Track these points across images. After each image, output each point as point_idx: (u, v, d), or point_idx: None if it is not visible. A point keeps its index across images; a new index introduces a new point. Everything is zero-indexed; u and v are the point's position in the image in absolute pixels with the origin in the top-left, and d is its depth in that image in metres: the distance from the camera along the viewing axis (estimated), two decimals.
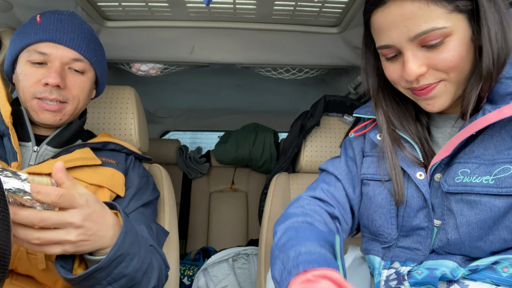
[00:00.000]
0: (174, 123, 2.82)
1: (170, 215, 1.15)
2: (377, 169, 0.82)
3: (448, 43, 0.65)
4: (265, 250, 1.27)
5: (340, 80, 1.81)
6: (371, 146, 0.87)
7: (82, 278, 0.67)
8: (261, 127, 2.45)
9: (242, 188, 2.50)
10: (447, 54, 0.66)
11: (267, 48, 1.38)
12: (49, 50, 0.89)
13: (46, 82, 0.87)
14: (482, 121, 0.64)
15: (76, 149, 0.95)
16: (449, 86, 0.70)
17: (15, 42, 0.92)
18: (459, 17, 0.65)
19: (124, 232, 0.71)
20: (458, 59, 0.66)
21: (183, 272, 1.97)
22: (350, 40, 1.35)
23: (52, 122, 0.91)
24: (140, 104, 1.27)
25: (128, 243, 0.72)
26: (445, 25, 0.64)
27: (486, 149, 0.67)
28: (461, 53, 0.66)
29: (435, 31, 0.64)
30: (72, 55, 0.91)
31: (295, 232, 0.74)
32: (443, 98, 0.71)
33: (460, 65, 0.67)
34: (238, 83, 2.10)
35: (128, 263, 0.72)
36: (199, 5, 1.16)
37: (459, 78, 0.69)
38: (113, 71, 1.69)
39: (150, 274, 0.80)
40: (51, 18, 0.92)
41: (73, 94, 0.92)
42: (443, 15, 0.64)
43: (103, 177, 0.93)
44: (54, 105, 0.89)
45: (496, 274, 0.67)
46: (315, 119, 1.42)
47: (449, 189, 0.69)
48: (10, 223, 0.52)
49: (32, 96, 0.89)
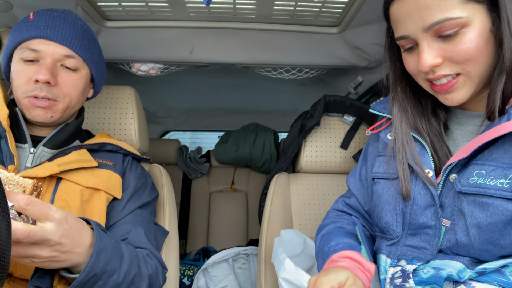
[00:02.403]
0: (174, 123, 2.82)
1: (170, 215, 1.15)
2: (387, 168, 0.83)
3: (465, 34, 0.64)
4: (265, 250, 1.27)
5: (340, 80, 1.81)
6: (384, 145, 0.88)
7: None
8: (261, 127, 2.45)
9: (242, 188, 2.50)
10: (463, 46, 0.64)
11: (267, 48, 1.38)
12: (40, 47, 0.88)
13: (36, 79, 0.86)
14: (506, 126, 0.63)
15: (72, 151, 0.94)
16: (469, 81, 0.68)
17: (9, 41, 0.92)
18: (476, 7, 0.63)
19: (97, 252, 0.70)
20: (475, 51, 0.64)
21: (183, 272, 1.97)
22: (350, 40, 1.35)
23: (44, 120, 0.90)
24: (140, 104, 1.27)
25: (102, 262, 0.71)
26: (460, 15, 0.63)
27: (506, 153, 0.66)
28: (478, 45, 0.64)
29: (450, 21, 0.63)
30: (64, 52, 0.90)
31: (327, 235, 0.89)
32: (462, 92, 0.70)
33: (477, 57, 0.65)
34: (238, 83, 2.10)
35: (106, 280, 0.72)
36: (199, 5, 1.16)
37: (478, 72, 0.67)
38: (113, 71, 1.69)
39: (138, 284, 0.80)
40: (44, 16, 0.91)
41: (64, 92, 0.91)
42: (458, 5, 0.63)
43: (99, 180, 0.92)
44: (44, 101, 0.88)
45: (504, 277, 0.66)
46: (315, 119, 1.42)
47: (462, 189, 0.68)
48: (10, 223, 0.51)
49: (23, 94, 0.88)
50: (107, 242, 0.74)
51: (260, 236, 1.33)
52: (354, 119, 1.47)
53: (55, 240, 0.63)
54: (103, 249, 0.72)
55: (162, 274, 0.90)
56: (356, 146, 1.46)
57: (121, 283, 0.75)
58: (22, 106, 0.89)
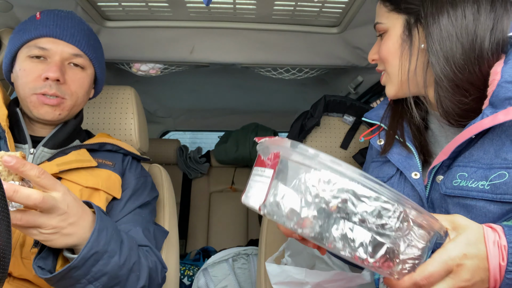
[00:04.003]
0: (174, 123, 2.82)
1: (170, 215, 1.15)
2: (379, 173, 0.85)
3: (385, 37, 0.77)
4: (265, 250, 1.26)
5: (340, 80, 1.81)
6: (376, 152, 0.91)
7: (59, 278, 0.67)
8: (261, 127, 2.45)
9: (242, 188, 2.50)
10: (382, 46, 0.78)
11: (267, 48, 1.38)
12: (49, 45, 0.89)
13: (46, 76, 0.87)
14: (477, 126, 0.64)
15: (72, 151, 0.94)
16: (389, 79, 0.79)
17: (14, 40, 0.92)
18: (395, 16, 0.75)
19: (98, 229, 0.70)
20: (387, 53, 0.76)
21: (183, 272, 1.97)
22: (350, 40, 1.35)
23: (52, 118, 0.91)
24: (140, 104, 1.27)
25: (103, 240, 0.71)
26: (384, 21, 0.77)
27: (486, 153, 0.66)
28: (390, 48, 0.76)
29: (378, 25, 0.79)
30: (72, 51, 0.92)
31: None
32: (389, 87, 0.80)
33: (389, 59, 0.76)
34: (238, 83, 2.10)
35: (107, 260, 0.72)
36: (199, 5, 1.16)
37: (392, 71, 0.77)
38: (113, 71, 1.69)
39: (138, 272, 0.80)
40: (51, 15, 0.92)
41: (72, 89, 0.92)
42: (385, 14, 0.77)
43: (99, 180, 0.92)
44: (53, 99, 0.89)
45: None
46: (315, 119, 1.42)
47: (447, 191, 0.69)
48: (10, 223, 0.51)
49: (31, 91, 0.88)
50: (107, 223, 0.75)
51: (260, 236, 1.32)
52: (354, 119, 1.47)
53: (63, 208, 0.64)
54: (104, 228, 0.72)
55: (161, 272, 0.90)
56: (356, 146, 1.46)
57: (122, 266, 0.75)
58: (28, 103, 0.89)
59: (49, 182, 0.63)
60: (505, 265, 0.50)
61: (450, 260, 0.51)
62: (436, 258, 0.51)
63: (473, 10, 0.67)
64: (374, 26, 0.81)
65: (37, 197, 0.59)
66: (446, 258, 0.51)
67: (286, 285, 0.83)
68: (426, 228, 0.51)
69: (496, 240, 0.52)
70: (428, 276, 0.50)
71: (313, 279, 0.76)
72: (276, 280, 0.84)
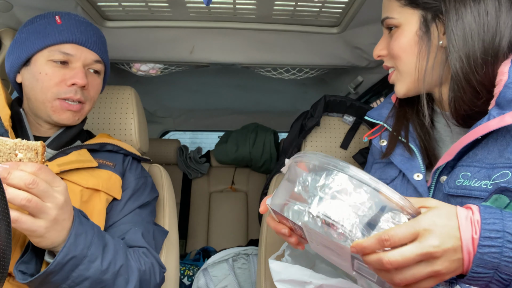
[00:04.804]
0: (174, 123, 2.82)
1: (170, 215, 1.15)
2: (381, 175, 0.84)
3: (397, 33, 0.74)
4: (265, 250, 1.26)
5: (340, 80, 1.81)
6: (378, 152, 0.89)
7: (38, 283, 0.67)
8: (261, 127, 2.45)
9: (242, 188, 2.50)
10: (393, 42, 0.75)
11: (267, 48, 1.38)
12: (74, 51, 0.91)
13: (73, 83, 0.89)
14: (484, 127, 0.63)
15: (72, 151, 0.94)
16: (400, 76, 0.76)
17: (33, 42, 0.90)
18: (410, 12, 0.72)
19: (75, 234, 0.70)
20: (399, 49, 0.74)
21: (183, 272, 1.97)
22: (350, 40, 1.35)
23: (72, 122, 0.94)
24: (140, 104, 1.27)
25: (81, 245, 0.71)
26: (395, 16, 0.74)
27: (490, 153, 0.66)
28: (403, 44, 0.73)
29: (387, 20, 0.75)
30: (94, 57, 0.95)
31: None
32: (399, 86, 0.77)
33: (402, 55, 0.74)
34: (238, 83, 2.10)
35: (88, 265, 0.71)
36: (199, 5, 1.16)
37: (404, 68, 0.75)
38: (113, 71, 1.69)
39: (126, 275, 0.79)
40: (72, 21, 0.94)
41: (91, 94, 0.96)
42: (397, 8, 0.74)
43: (99, 181, 0.92)
44: (76, 105, 0.91)
45: None
46: (315, 119, 1.42)
47: (450, 191, 0.69)
48: (10, 223, 0.51)
49: (55, 96, 0.89)
50: (87, 228, 0.74)
51: (260, 236, 1.32)
52: (354, 119, 1.47)
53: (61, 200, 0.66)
54: (82, 232, 0.72)
55: (159, 272, 0.90)
56: (356, 146, 1.46)
57: (106, 271, 0.75)
58: (49, 108, 0.90)
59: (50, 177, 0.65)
60: (478, 237, 0.50)
61: (418, 225, 0.50)
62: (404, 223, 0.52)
63: (495, 6, 0.66)
64: (382, 21, 0.77)
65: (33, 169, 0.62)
66: (413, 223, 0.51)
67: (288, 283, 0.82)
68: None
69: (469, 216, 0.52)
70: (392, 235, 0.49)
71: (317, 281, 0.76)
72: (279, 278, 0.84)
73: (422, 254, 0.49)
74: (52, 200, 0.65)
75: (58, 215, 0.66)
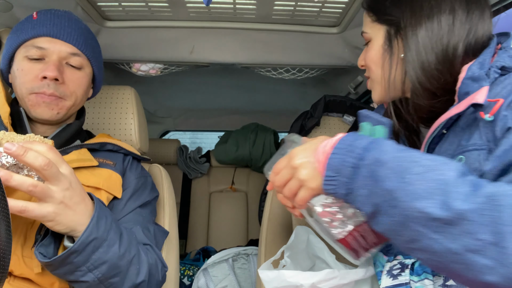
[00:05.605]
0: (174, 123, 2.82)
1: (170, 215, 1.15)
2: None
3: (369, 46, 0.81)
4: (265, 250, 1.26)
5: (340, 80, 1.81)
6: None
7: (59, 262, 0.68)
8: (261, 127, 2.45)
9: (242, 188, 2.50)
10: (366, 54, 0.82)
11: (267, 48, 1.38)
12: (47, 45, 0.89)
13: (44, 76, 0.86)
14: (442, 117, 0.69)
15: (73, 150, 0.94)
16: (373, 85, 0.83)
17: (12, 40, 0.92)
18: (378, 27, 0.79)
19: (97, 216, 0.72)
20: (370, 60, 0.80)
21: (183, 272, 1.97)
22: (350, 40, 1.35)
23: (50, 117, 0.90)
24: (140, 104, 1.27)
25: (102, 228, 0.72)
26: (368, 31, 0.81)
27: (451, 144, 0.70)
28: (373, 56, 0.80)
29: (363, 34, 0.82)
30: (70, 50, 0.91)
31: None
32: (373, 93, 0.84)
33: (371, 66, 0.80)
34: (238, 83, 2.10)
35: (107, 249, 0.72)
36: (199, 5, 1.16)
37: (375, 78, 0.81)
38: (113, 71, 1.69)
39: (138, 265, 0.80)
40: (48, 15, 0.92)
41: (71, 89, 0.92)
42: (369, 23, 0.81)
43: (100, 179, 0.92)
44: (49, 97, 0.88)
45: None
46: (315, 119, 1.42)
47: None
48: (10, 223, 0.51)
49: (29, 91, 0.88)
50: (107, 213, 0.76)
51: (260, 236, 1.32)
52: (354, 119, 1.47)
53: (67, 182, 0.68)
54: (103, 216, 0.74)
55: (161, 270, 0.90)
56: None
57: (122, 257, 0.75)
58: (27, 103, 0.89)
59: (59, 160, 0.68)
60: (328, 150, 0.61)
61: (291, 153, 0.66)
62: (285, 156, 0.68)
63: (449, 20, 0.70)
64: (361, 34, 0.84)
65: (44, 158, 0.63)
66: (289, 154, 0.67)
67: None
68: None
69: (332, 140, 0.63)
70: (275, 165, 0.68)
71: (308, 281, 0.76)
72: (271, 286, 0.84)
73: (289, 167, 0.65)
74: (58, 183, 0.66)
75: (65, 198, 0.67)
